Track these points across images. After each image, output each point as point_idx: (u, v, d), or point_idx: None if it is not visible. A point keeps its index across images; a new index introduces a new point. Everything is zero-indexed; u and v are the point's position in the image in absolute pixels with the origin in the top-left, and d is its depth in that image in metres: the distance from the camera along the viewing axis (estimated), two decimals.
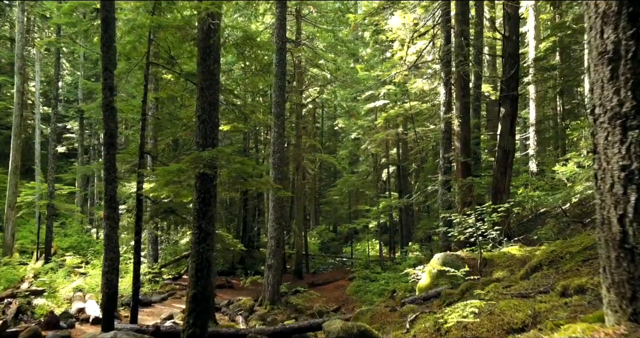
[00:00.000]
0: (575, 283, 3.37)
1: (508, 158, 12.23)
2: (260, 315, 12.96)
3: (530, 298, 3.82)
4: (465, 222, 8.56)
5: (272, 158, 14.48)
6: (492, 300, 4.08)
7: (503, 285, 5.15)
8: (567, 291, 3.42)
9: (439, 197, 12.87)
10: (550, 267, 5.30)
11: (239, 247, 10.28)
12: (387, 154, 27.25)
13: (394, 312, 7.25)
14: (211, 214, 6.88)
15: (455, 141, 12.90)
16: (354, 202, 30.56)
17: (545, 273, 5.15)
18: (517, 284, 4.97)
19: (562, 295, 3.42)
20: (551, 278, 4.79)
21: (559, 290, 3.49)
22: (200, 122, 6.98)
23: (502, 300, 4.00)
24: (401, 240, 26.41)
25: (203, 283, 6.69)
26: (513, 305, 3.50)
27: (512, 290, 4.65)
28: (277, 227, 14.25)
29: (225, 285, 17.82)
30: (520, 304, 3.50)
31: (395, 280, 16.53)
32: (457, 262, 8.33)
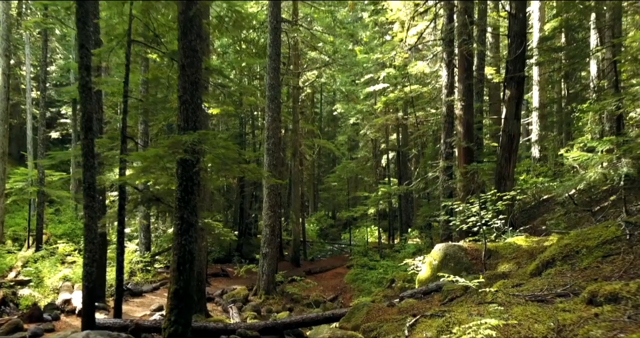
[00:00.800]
0: (606, 289, 2.85)
1: (513, 143, 11.66)
2: (254, 305, 12.54)
3: (549, 304, 3.30)
4: (468, 210, 8.04)
5: (266, 143, 13.92)
6: (503, 303, 3.56)
7: (512, 283, 4.64)
8: (595, 298, 2.91)
9: (440, 183, 12.34)
10: (565, 263, 4.78)
11: (231, 237, 9.77)
12: (386, 139, 26.65)
13: (392, 308, 6.77)
14: (194, 203, 6.34)
15: (458, 125, 12.31)
16: (353, 188, 30.07)
17: (560, 270, 4.63)
18: (529, 283, 4.45)
19: (589, 303, 2.91)
20: (568, 276, 4.27)
21: (585, 296, 2.97)
22: (181, 103, 6.40)
23: (515, 305, 3.48)
24: (400, 227, 26.00)
25: (185, 278, 6.18)
26: (530, 314, 2.98)
27: (524, 290, 4.13)
28: (272, 214, 13.76)
29: (220, 274, 17.40)
30: (539, 313, 2.98)
31: (394, 269, 16.10)
32: (460, 254, 7.83)
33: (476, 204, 7.94)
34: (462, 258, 7.70)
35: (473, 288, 6.09)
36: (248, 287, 14.84)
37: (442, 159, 12.57)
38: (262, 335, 7.57)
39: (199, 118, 6.53)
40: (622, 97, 11.55)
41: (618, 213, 8.32)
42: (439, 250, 8.12)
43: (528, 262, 6.71)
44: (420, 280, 8.35)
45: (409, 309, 6.50)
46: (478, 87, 15.31)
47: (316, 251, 27.39)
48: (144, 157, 5.97)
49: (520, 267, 6.54)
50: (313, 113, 33.46)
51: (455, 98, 12.58)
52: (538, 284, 4.24)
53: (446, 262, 7.86)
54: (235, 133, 25.83)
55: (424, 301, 6.84)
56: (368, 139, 27.30)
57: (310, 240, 29.19)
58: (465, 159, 12.02)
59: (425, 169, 21.39)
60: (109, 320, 7.98)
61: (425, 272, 8.27)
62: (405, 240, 19.67)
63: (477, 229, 8.51)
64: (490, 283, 6.04)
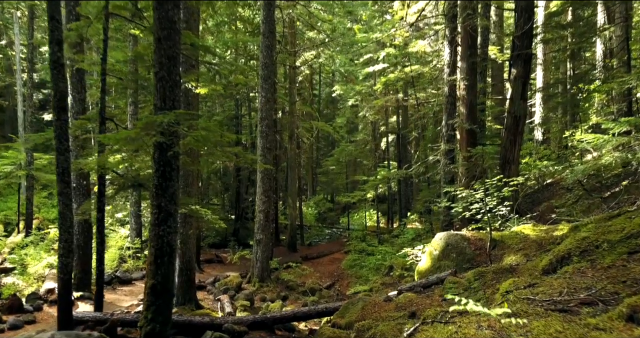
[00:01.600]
0: None
1: (519, 125, 11.05)
2: (247, 294, 12.09)
3: (574, 316, 2.76)
4: (471, 197, 7.48)
5: (259, 125, 13.30)
6: (518, 314, 3.02)
7: (524, 282, 4.10)
8: (636, 314, 2.38)
9: (441, 167, 11.77)
10: (583, 259, 4.24)
11: (220, 224, 9.24)
12: (386, 121, 25.99)
13: (389, 303, 6.26)
14: (173, 191, 5.78)
15: (460, 106, 11.68)
16: (352, 172, 29.52)
17: (578, 267, 4.09)
18: (543, 283, 3.91)
19: (629, 320, 2.37)
20: (589, 276, 3.73)
21: (623, 311, 2.44)
22: (157, 80, 5.78)
23: (533, 315, 2.94)
24: (400, 211, 25.55)
25: (164, 272, 5.66)
26: (555, 333, 2.45)
27: (540, 292, 3.59)
28: (266, 199, 13.22)
29: (214, 260, 16.97)
30: (566, 331, 2.44)
31: (393, 255, 15.67)
32: (462, 244, 7.31)
33: (480, 190, 7.38)
34: (465, 249, 7.18)
35: (477, 285, 5.58)
36: (242, 274, 14.42)
37: (443, 141, 11.98)
38: (251, 331, 7.11)
39: (178, 97, 5.91)
40: (635, 76, 10.89)
41: (632, 200, 7.78)
42: (440, 240, 7.60)
43: (537, 253, 6.19)
44: (419, 271, 7.85)
45: (408, 305, 6.00)
46: (482, 66, 14.62)
47: (314, 235, 27.00)
48: (115, 139, 5.39)
49: (529, 259, 6.01)
50: (311, 95, 32.73)
51: (457, 77, 11.92)
52: (555, 285, 3.70)
53: (448, 252, 7.35)
54: (231, 115, 25.15)
55: (424, 296, 6.33)
56: (367, 121, 26.64)
57: (308, 224, 28.78)
58: (467, 141, 11.44)
59: (425, 152, 20.80)
60: (87, 314, 7.51)
61: (425, 262, 7.76)
62: (405, 225, 19.19)
63: (480, 217, 7.98)
64: (497, 278, 5.52)
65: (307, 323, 8.19)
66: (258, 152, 13.30)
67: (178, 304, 10.27)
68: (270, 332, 7.20)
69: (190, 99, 10.35)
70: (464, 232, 7.80)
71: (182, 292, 10.25)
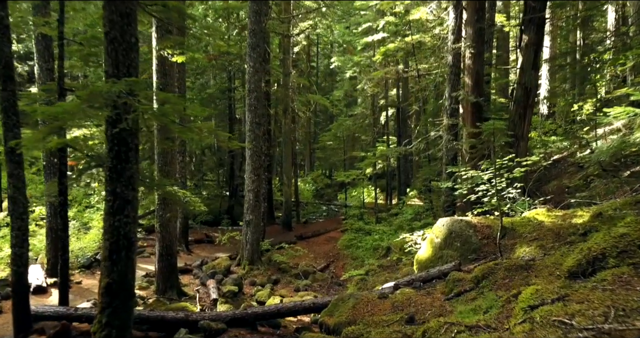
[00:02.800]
0: None
1: (529, 97, 10.11)
2: (236, 278, 11.37)
3: None
4: (478, 178, 6.61)
5: (248, 98, 12.32)
6: None
7: (549, 291, 3.27)
8: None
9: (444, 144, 10.87)
10: (623, 263, 3.41)
11: (200, 207, 8.42)
12: (385, 94, 24.92)
13: (384, 301, 5.48)
14: (130, 174, 4.91)
15: (465, 77, 10.69)
16: (350, 147, 28.57)
17: (618, 274, 3.25)
18: (576, 294, 3.08)
19: None
20: (637, 289, 2.89)
21: None
22: (108, 42, 4.83)
23: None
24: (399, 187, 24.78)
25: (121, 269, 4.85)
26: None
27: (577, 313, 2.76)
28: (256, 178, 12.37)
29: (204, 240, 16.24)
30: None
31: (391, 235, 14.93)
32: (467, 231, 6.48)
33: (489, 171, 6.50)
34: (471, 238, 6.37)
35: (487, 285, 4.77)
36: (232, 256, 13.71)
37: (446, 116, 11.03)
38: (230, 328, 6.36)
39: (135, 62, 4.97)
40: None
41: None
42: (442, 226, 6.77)
43: (555, 245, 5.37)
44: (419, 260, 7.06)
45: (405, 304, 5.22)
46: (488, 33, 13.50)
47: (311, 212, 26.31)
48: (53, 113, 4.49)
49: (547, 252, 5.19)
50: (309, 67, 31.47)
51: (463, 45, 10.88)
52: (594, 301, 2.87)
53: (451, 240, 6.54)
54: (224, 88, 24.02)
55: (424, 292, 5.55)
56: (366, 95, 25.55)
57: (305, 201, 28.07)
58: (473, 116, 10.50)
59: (426, 127, 19.82)
60: (49, 308, 6.76)
61: (426, 251, 6.96)
62: (404, 203, 18.42)
63: (487, 200, 7.13)
64: (510, 277, 4.71)
65: (300, 317, 7.47)
66: (247, 128, 12.37)
67: (159, 292, 9.57)
68: (251, 329, 6.46)
69: (168, 68, 9.37)
70: (469, 217, 6.97)
71: (162, 279, 9.53)
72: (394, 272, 11.33)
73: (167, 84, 9.30)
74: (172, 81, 9.42)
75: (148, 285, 9.91)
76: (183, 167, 14.56)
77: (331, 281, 12.56)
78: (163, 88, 9.23)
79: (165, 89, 9.26)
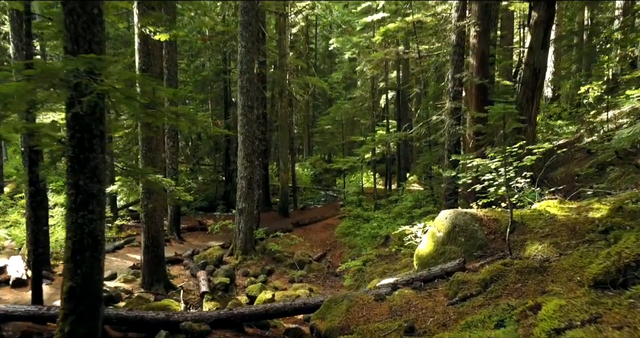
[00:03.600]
0: None
1: (538, 79, 9.48)
2: (228, 269, 10.91)
3: None
4: (484, 166, 6.05)
5: (240, 80, 11.67)
6: None
7: (579, 309, 2.74)
8: None
9: (446, 128, 10.27)
10: None
11: (186, 197, 7.87)
12: (385, 77, 24.14)
13: (381, 304, 4.98)
14: (95, 164, 4.34)
15: (470, 57, 10.03)
16: (349, 131, 27.90)
17: None
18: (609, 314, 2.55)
19: None
20: None
21: None
22: (66, 14, 4.21)
23: None
24: (398, 172, 24.21)
25: (86, 272, 4.33)
26: None
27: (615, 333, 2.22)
28: (248, 164, 11.81)
29: (197, 228, 15.75)
30: None
31: (389, 223, 14.45)
32: (473, 225, 5.95)
33: (497, 159, 5.94)
34: (476, 232, 5.83)
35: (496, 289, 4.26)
36: (225, 245, 13.23)
37: (448, 99, 10.40)
38: (214, 330, 5.88)
39: (98, 37, 4.35)
40: None
41: None
42: (445, 219, 6.23)
43: (571, 243, 4.83)
44: (419, 255, 6.54)
45: (404, 309, 4.72)
46: (493, 11, 12.77)
47: (308, 198, 25.83)
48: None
49: (562, 251, 4.66)
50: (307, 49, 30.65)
51: (467, 23, 10.19)
52: (637, 325, 2.33)
53: (454, 235, 6.01)
54: (219, 70, 23.26)
55: (425, 294, 5.04)
56: (366, 77, 24.80)
57: (303, 186, 27.57)
58: (477, 99, 9.88)
59: (427, 111, 19.18)
60: (19, 308, 6.25)
61: (427, 245, 6.44)
62: (403, 189, 17.89)
63: (494, 190, 6.59)
64: (523, 281, 4.19)
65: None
66: (238, 111, 11.76)
67: (145, 285, 9.11)
68: (237, 330, 5.98)
69: (151, 48, 8.71)
70: (474, 210, 6.43)
71: (148, 272, 9.04)
72: (392, 263, 10.86)
73: (151, 64, 8.66)
74: (156, 61, 8.78)
75: (134, 278, 9.43)
76: (174, 152, 13.99)
77: (327, 271, 12.11)
78: (146, 69, 8.59)
79: (149, 70, 8.62)
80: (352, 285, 10.31)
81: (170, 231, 14.00)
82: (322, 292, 10.39)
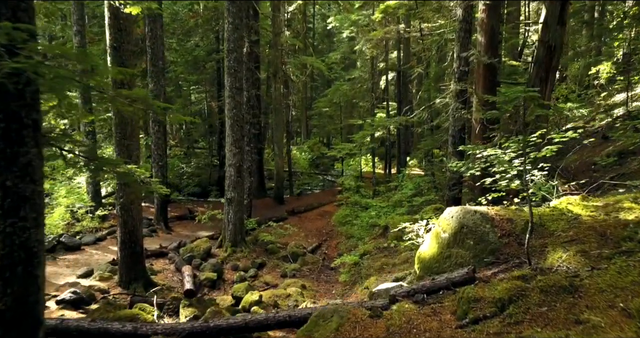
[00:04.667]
0: None
1: (553, 57, 8.59)
2: (215, 264, 10.21)
3: None
4: (502, 161, 5.25)
5: (227, 60, 10.78)
6: None
7: None
8: None
9: (450, 113, 9.42)
10: None
11: (162, 190, 7.07)
12: (385, 57, 23.11)
13: (377, 322, 4.24)
14: (27, 160, 3.55)
15: (478, 34, 9.12)
16: (347, 114, 26.96)
17: None
18: None
19: None
20: None
21: None
22: None
23: None
24: (398, 156, 23.43)
25: (18, 291, 3.57)
26: None
27: None
28: (237, 151, 11.00)
29: (186, 216, 15.00)
30: None
31: (389, 212, 13.72)
32: (483, 227, 5.17)
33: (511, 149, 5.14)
34: (487, 235, 5.06)
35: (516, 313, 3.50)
36: (214, 235, 12.51)
37: (454, 80, 9.53)
38: None
39: (27, 4, 3.50)
40: None
41: None
42: (451, 218, 5.46)
43: (603, 252, 4.06)
44: (422, 258, 5.78)
45: (404, 330, 3.98)
46: None
47: (305, 184, 25.08)
48: None
49: (594, 264, 3.88)
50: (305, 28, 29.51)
51: None
52: None
53: (462, 237, 5.24)
54: (211, 49, 22.23)
55: (429, 310, 4.29)
56: (365, 57, 23.78)
57: (301, 170, 26.80)
58: (486, 80, 9.01)
59: (428, 93, 18.27)
60: None
61: (430, 247, 5.68)
62: (403, 176, 17.11)
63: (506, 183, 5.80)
64: (549, 304, 3.42)
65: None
66: (226, 93, 10.90)
67: (122, 283, 8.42)
68: None
69: (124, 23, 7.81)
70: (483, 207, 5.64)
71: (125, 269, 8.34)
72: (391, 256, 10.15)
73: (124, 41, 7.77)
74: (129, 38, 7.88)
75: (111, 275, 8.71)
76: (160, 137, 13.16)
77: (322, 264, 11.43)
78: (118, 46, 7.72)
79: (121, 48, 7.75)
80: (348, 281, 9.62)
81: (157, 221, 13.27)
82: (315, 288, 9.72)
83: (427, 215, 8.76)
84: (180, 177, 22.86)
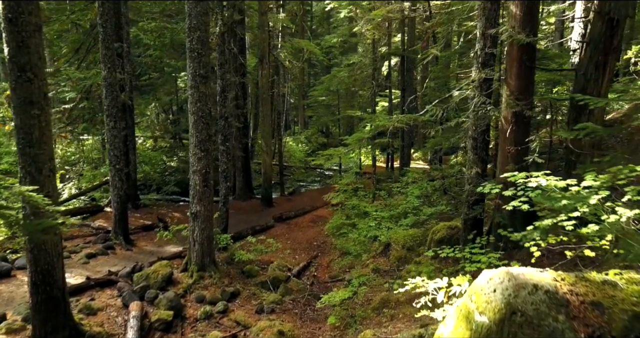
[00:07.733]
0: None
1: (614, 36, 6.38)
2: (172, 298, 8.14)
3: None
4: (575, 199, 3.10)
5: (188, 41, 8.58)
6: None
7: None
8: None
9: (473, 108, 7.22)
10: None
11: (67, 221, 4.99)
12: (388, 41, 20.75)
13: None
14: None
15: (512, 4, 6.86)
16: (347, 104, 24.66)
17: None
18: None
19: None
20: None
21: None
22: None
23: None
24: (402, 150, 21.23)
25: None
26: None
27: None
28: (203, 155, 8.85)
29: (155, 226, 12.86)
30: None
31: (391, 222, 11.61)
32: (553, 315, 3.05)
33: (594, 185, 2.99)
34: (562, 334, 2.93)
35: None
36: (184, 253, 10.41)
37: (476, 66, 7.29)
38: None
39: None
40: None
41: None
42: (492, 293, 3.32)
43: None
44: None
45: None
46: None
47: (300, 179, 22.98)
48: None
49: None
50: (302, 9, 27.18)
51: None
52: None
53: (514, 329, 3.12)
54: None
55: None
56: (366, 41, 21.42)
57: (296, 164, 24.68)
58: (520, 65, 6.77)
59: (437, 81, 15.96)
60: None
61: (457, 334, 3.54)
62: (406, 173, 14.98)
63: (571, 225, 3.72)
64: None
65: None
66: (188, 83, 8.72)
67: None
68: None
69: None
70: (549, 277, 3.49)
71: (40, 320, 6.26)
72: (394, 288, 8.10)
73: (23, 12, 5.59)
74: (33, 8, 5.69)
75: (25, 325, 6.64)
76: (116, 134, 11.01)
77: (310, 293, 9.36)
78: (15, 18, 5.55)
79: (19, 20, 5.58)
80: (339, 325, 7.57)
81: (115, 235, 11.19)
82: (297, 331, 7.68)
83: (444, 251, 6.57)
84: (162, 173, 20.79)
